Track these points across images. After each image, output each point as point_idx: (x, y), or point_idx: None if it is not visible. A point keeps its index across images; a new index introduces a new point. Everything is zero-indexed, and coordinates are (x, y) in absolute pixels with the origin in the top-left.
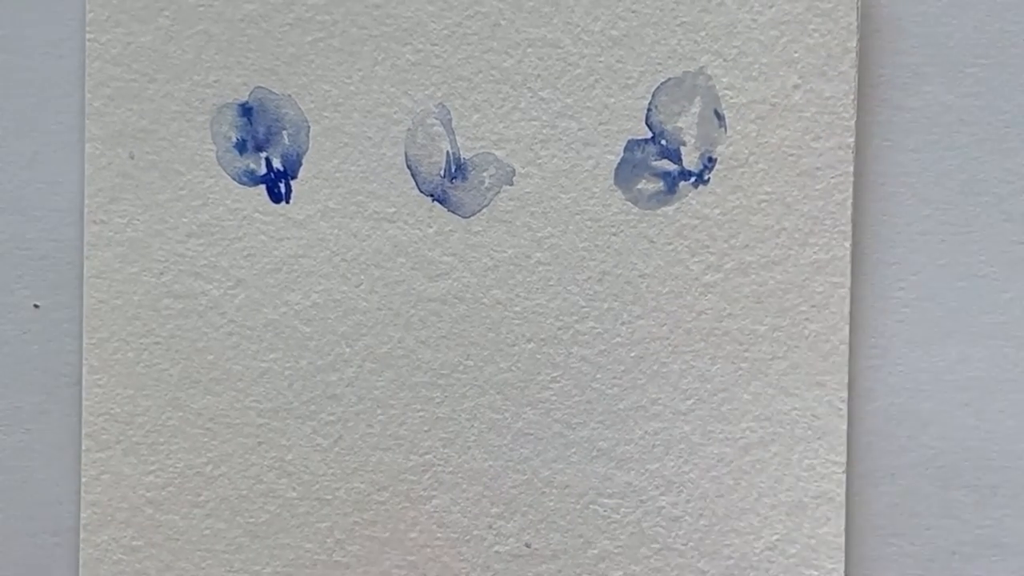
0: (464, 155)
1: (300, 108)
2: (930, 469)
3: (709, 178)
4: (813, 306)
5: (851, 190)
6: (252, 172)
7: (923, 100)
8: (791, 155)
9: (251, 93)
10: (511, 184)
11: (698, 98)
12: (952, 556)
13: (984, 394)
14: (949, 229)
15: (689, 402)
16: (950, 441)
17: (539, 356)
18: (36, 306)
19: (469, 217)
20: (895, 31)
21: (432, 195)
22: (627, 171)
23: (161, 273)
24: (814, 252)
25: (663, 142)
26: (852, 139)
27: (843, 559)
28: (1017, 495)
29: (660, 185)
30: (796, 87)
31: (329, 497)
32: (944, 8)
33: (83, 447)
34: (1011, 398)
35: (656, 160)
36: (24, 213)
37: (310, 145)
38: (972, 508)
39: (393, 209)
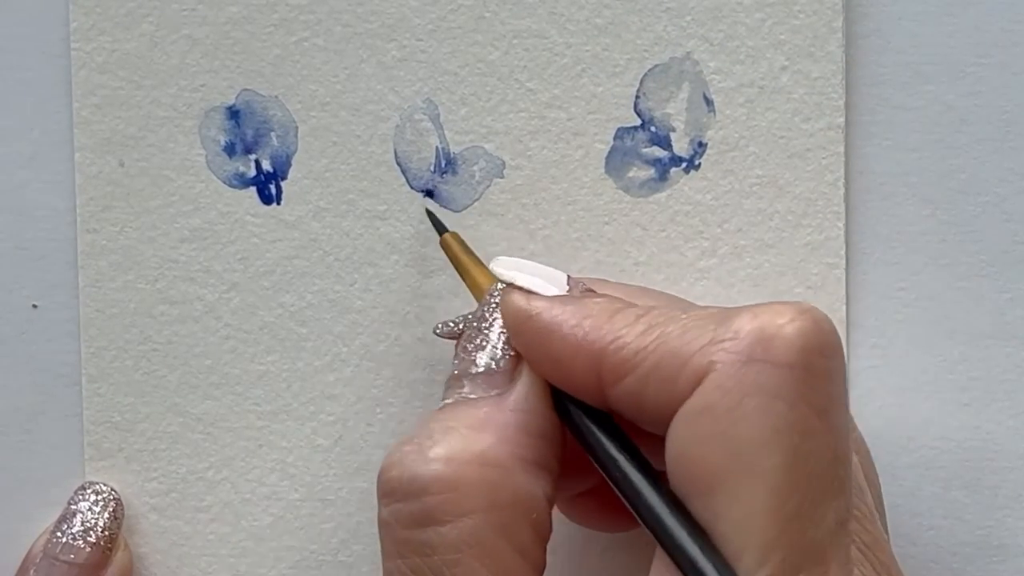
0: (453, 149)
1: (287, 109)
2: (930, 469)
3: (700, 163)
4: (809, 287)
5: (843, 170)
6: (242, 175)
7: (923, 100)
8: (781, 137)
9: (238, 96)
10: (501, 177)
11: (686, 83)
12: (952, 556)
13: (984, 394)
14: (949, 229)
15: None
16: (950, 441)
17: None
18: (35, 306)
19: (461, 211)
20: (895, 31)
21: (423, 191)
22: (617, 159)
23: (156, 280)
24: (808, 233)
25: (652, 129)
26: (842, 119)
27: None
28: (1018, 495)
29: (651, 172)
30: (784, 69)
31: (332, 497)
32: (944, 8)
33: (85, 456)
34: (1011, 398)
35: (646, 147)
36: (22, 213)
37: (299, 145)
38: (972, 508)
39: (384, 206)
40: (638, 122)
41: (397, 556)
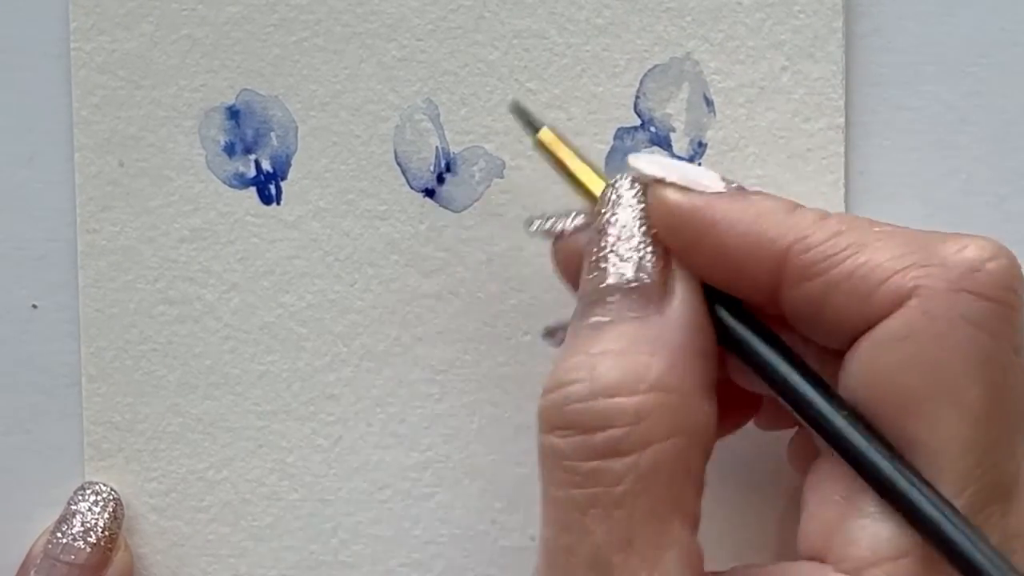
0: (453, 150)
1: (287, 109)
2: None
3: (700, 164)
4: None
5: (843, 171)
6: (242, 175)
7: (923, 100)
8: (781, 138)
9: (238, 96)
10: (502, 177)
11: (686, 84)
12: None
13: None
14: (949, 229)
15: None
16: None
17: (537, 349)
18: (34, 306)
19: (461, 211)
20: (895, 31)
21: (423, 191)
22: (618, 159)
23: (155, 280)
24: None
25: (652, 129)
26: (842, 119)
27: None
28: None
29: None
30: (784, 69)
31: (331, 498)
32: (944, 8)
33: (85, 456)
34: None
35: (646, 147)
36: (22, 213)
37: (299, 145)
38: None
39: (384, 207)
40: (638, 122)
41: (573, 486)
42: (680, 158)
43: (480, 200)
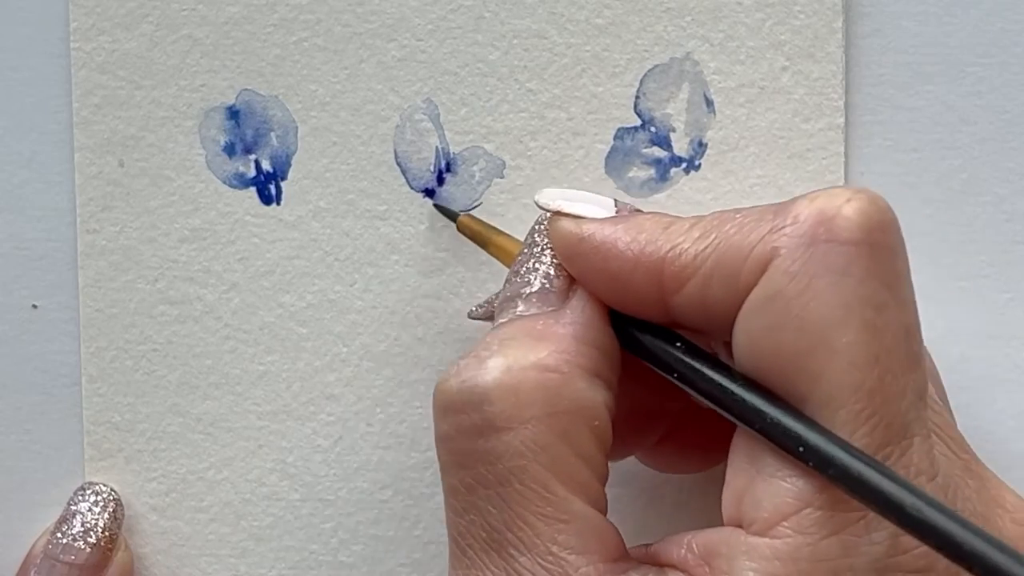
0: (453, 150)
1: (287, 109)
2: None
3: (700, 163)
4: None
5: (843, 170)
6: (242, 175)
7: (923, 100)
8: (781, 138)
9: (238, 96)
10: (502, 177)
11: (686, 84)
12: None
13: (984, 394)
14: (949, 229)
15: None
16: None
17: None
18: (34, 306)
19: (461, 212)
20: (895, 31)
21: (423, 191)
22: (618, 159)
23: (155, 280)
24: None
25: (653, 129)
26: (842, 119)
27: None
28: None
29: (651, 172)
30: (784, 69)
31: (332, 498)
32: (944, 8)
33: (85, 456)
34: (1011, 398)
35: (646, 147)
36: (22, 213)
37: (299, 146)
38: None
39: (384, 207)
40: (638, 122)
41: (460, 468)
42: (680, 158)
43: (480, 200)
